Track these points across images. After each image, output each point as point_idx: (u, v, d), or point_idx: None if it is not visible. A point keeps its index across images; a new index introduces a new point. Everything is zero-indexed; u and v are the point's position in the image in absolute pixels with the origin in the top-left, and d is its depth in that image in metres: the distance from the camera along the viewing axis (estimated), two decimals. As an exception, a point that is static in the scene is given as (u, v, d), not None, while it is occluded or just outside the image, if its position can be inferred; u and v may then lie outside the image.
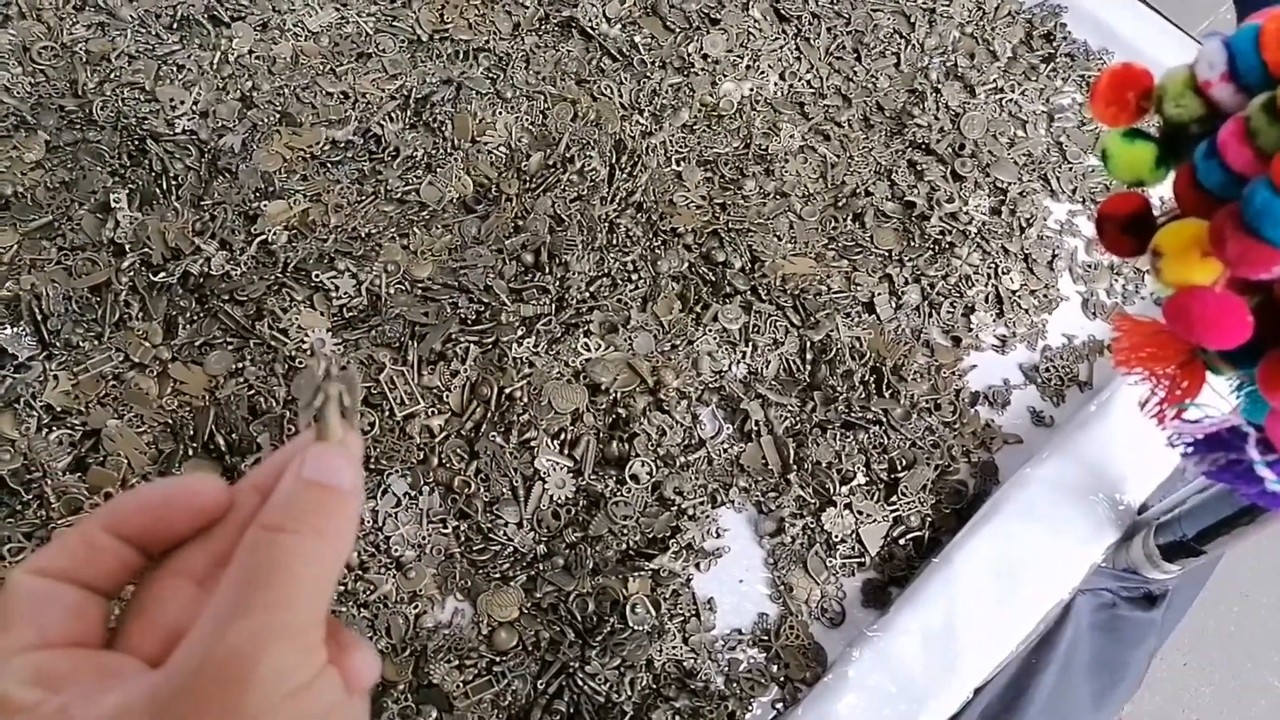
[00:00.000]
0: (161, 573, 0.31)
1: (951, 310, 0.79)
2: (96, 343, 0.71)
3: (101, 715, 0.26)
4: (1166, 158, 0.39)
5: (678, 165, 0.83)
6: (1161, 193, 0.41)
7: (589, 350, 0.73)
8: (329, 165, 0.80)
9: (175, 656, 0.27)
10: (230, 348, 0.72)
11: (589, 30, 0.88)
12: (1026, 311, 0.79)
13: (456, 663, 0.63)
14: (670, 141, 0.84)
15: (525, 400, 0.71)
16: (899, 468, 0.71)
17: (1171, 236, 0.37)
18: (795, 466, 0.71)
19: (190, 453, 0.68)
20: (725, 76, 0.87)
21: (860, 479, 0.71)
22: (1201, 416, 0.42)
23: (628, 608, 0.65)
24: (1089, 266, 0.82)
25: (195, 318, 0.73)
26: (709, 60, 0.88)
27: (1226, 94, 0.36)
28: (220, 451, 0.68)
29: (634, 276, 0.77)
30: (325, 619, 0.28)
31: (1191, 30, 0.94)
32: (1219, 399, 0.45)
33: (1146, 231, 0.40)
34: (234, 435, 0.69)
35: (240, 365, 0.71)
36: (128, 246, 0.74)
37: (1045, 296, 0.80)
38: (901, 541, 0.70)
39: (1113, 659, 0.69)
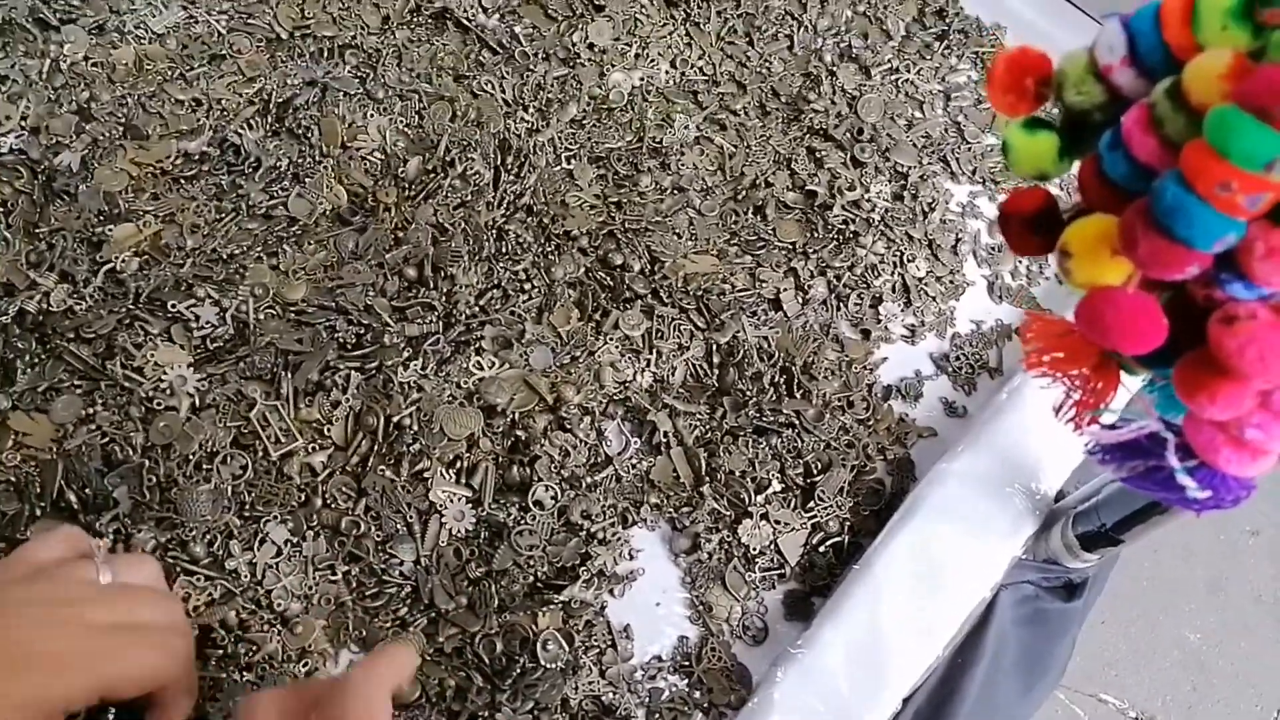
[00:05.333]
0: None
1: (859, 302, 0.76)
2: (-81, 396, 0.63)
3: None
4: (1070, 148, 0.36)
5: (568, 163, 0.78)
6: (1067, 183, 0.39)
7: (482, 369, 0.68)
8: (182, 181, 0.72)
9: None
10: (79, 391, 0.65)
11: (465, 22, 0.82)
12: (934, 299, 0.77)
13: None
14: (559, 138, 0.79)
15: (415, 428, 0.65)
16: (814, 471, 0.69)
17: (1080, 235, 0.34)
18: (708, 478, 0.67)
19: (38, 512, 0.61)
20: (614, 66, 0.83)
21: (775, 486, 0.68)
22: (1117, 421, 0.39)
23: (538, 645, 0.61)
24: (993, 249, 0.80)
25: (36, 360, 0.65)
26: (595, 50, 0.83)
27: (1128, 79, 0.34)
28: (73, 508, 0.61)
29: (527, 286, 0.72)
30: None
31: (1087, 5, 0.93)
32: (1133, 396, 0.43)
33: (1053, 228, 0.38)
34: (87, 490, 0.62)
35: (91, 411, 0.64)
36: (-49, 284, 0.66)
37: (951, 282, 0.78)
38: (821, 549, 0.67)
39: (1039, 651, 0.68)
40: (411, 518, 0.63)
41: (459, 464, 0.66)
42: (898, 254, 0.78)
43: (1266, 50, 0.30)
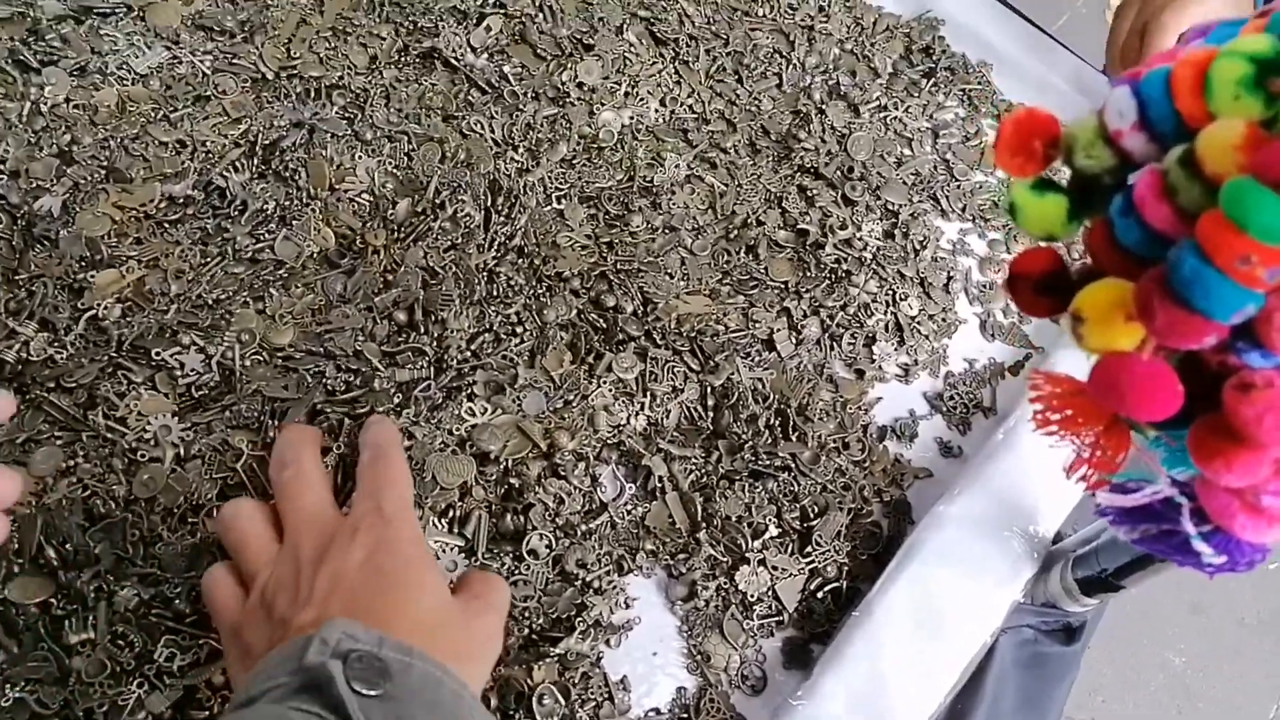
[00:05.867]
0: None
1: (853, 341, 0.76)
2: (-107, 449, 0.61)
3: None
4: (1079, 210, 0.36)
5: (559, 203, 0.77)
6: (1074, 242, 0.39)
7: (474, 415, 0.67)
8: (166, 225, 0.71)
9: None
10: (59, 443, 0.63)
11: (453, 61, 0.82)
12: (927, 338, 0.77)
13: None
14: (549, 178, 0.78)
15: (406, 477, 0.64)
16: (811, 515, 0.68)
17: (1092, 300, 0.34)
18: (704, 523, 0.67)
19: (16, 569, 0.59)
20: (603, 105, 0.83)
21: (772, 530, 0.67)
22: (1127, 481, 0.39)
23: (534, 699, 0.59)
24: (984, 286, 0.80)
25: (15, 411, 0.63)
26: (585, 89, 0.83)
27: (1139, 143, 0.34)
28: (52, 566, 0.59)
29: (519, 329, 0.71)
30: None
31: (1048, 28, 0.94)
32: (1138, 452, 0.42)
33: (1062, 289, 0.37)
34: (68, 546, 0.60)
35: (72, 463, 0.62)
36: (-74, 333, 0.64)
37: (944, 320, 0.78)
38: (819, 595, 0.66)
39: (1038, 696, 0.68)
40: (403, 569, 0.62)
41: (451, 513, 0.64)
42: (890, 293, 0.78)
43: (1278, 120, 0.30)
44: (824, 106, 0.86)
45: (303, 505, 0.56)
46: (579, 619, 0.62)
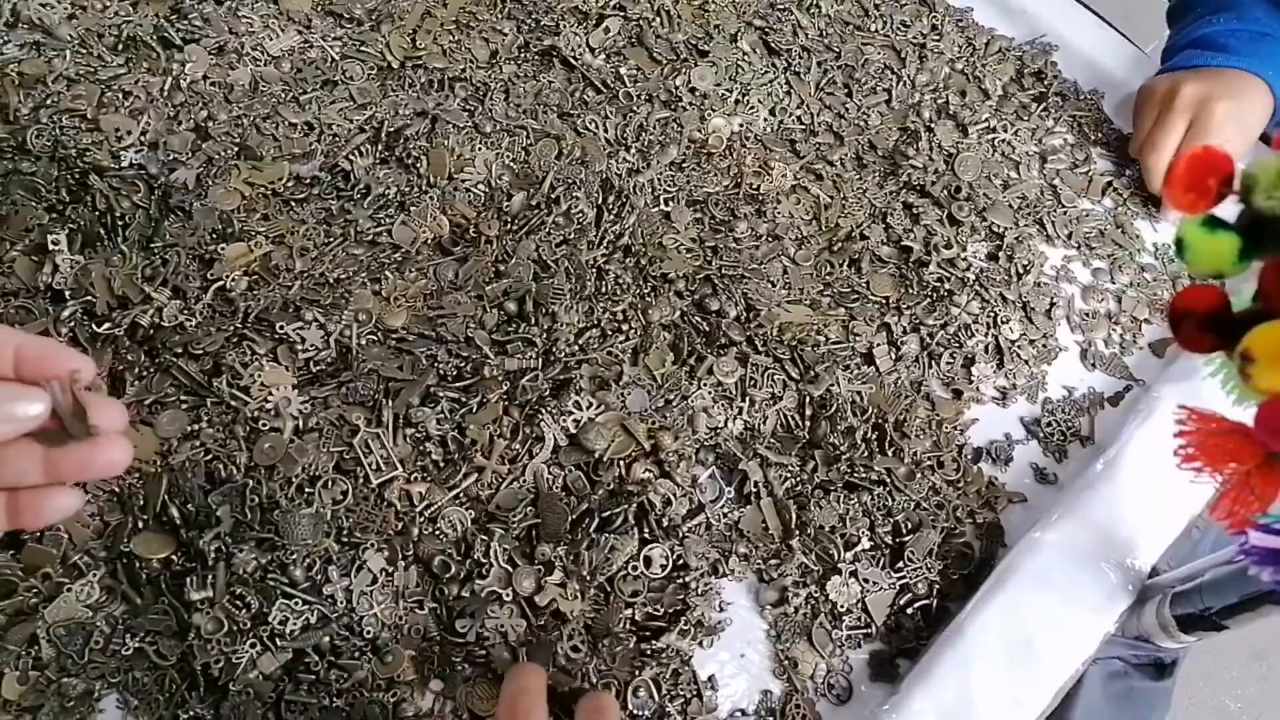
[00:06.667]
0: None
1: (951, 361, 0.76)
2: (32, 402, 0.64)
3: None
4: (1250, 250, 0.36)
5: (666, 205, 0.79)
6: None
7: (580, 409, 0.68)
8: (293, 204, 0.73)
9: None
10: (184, 407, 0.66)
11: (571, 60, 0.83)
12: (1026, 362, 0.77)
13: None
14: (659, 180, 0.79)
15: (512, 464, 0.66)
16: (904, 531, 0.68)
17: (1265, 340, 0.34)
18: (797, 531, 0.67)
19: (140, 525, 0.62)
20: (714, 111, 0.84)
21: (865, 544, 0.67)
22: (1273, 522, 0.39)
23: (629, 691, 0.60)
24: (1086, 315, 0.80)
25: (145, 373, 0.66)
26: (697, 94, 0.84)
27: (1325, 188, 0.33)
28: (174, 524, 0.62)
29: (624, 327, 0.72)
30: None
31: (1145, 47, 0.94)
32: None
33: (1226, 328, 0.37)
34: (190, 506, 0.62)
35: (196, 427, 0.65)
36: (68, 293, 0.67)
37: (1044, 346, 0.78)
38: (909, 611, 0.66)
39: (1125, 730, 0.67)
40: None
41: (555, 503, 0.66)
42: (991, 315, 0.78)
43: None
44: (932, 125, 0.86)
45: None
46: (682, 618, 0.63)
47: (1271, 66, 0.81)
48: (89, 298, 0.67)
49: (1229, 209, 0.37)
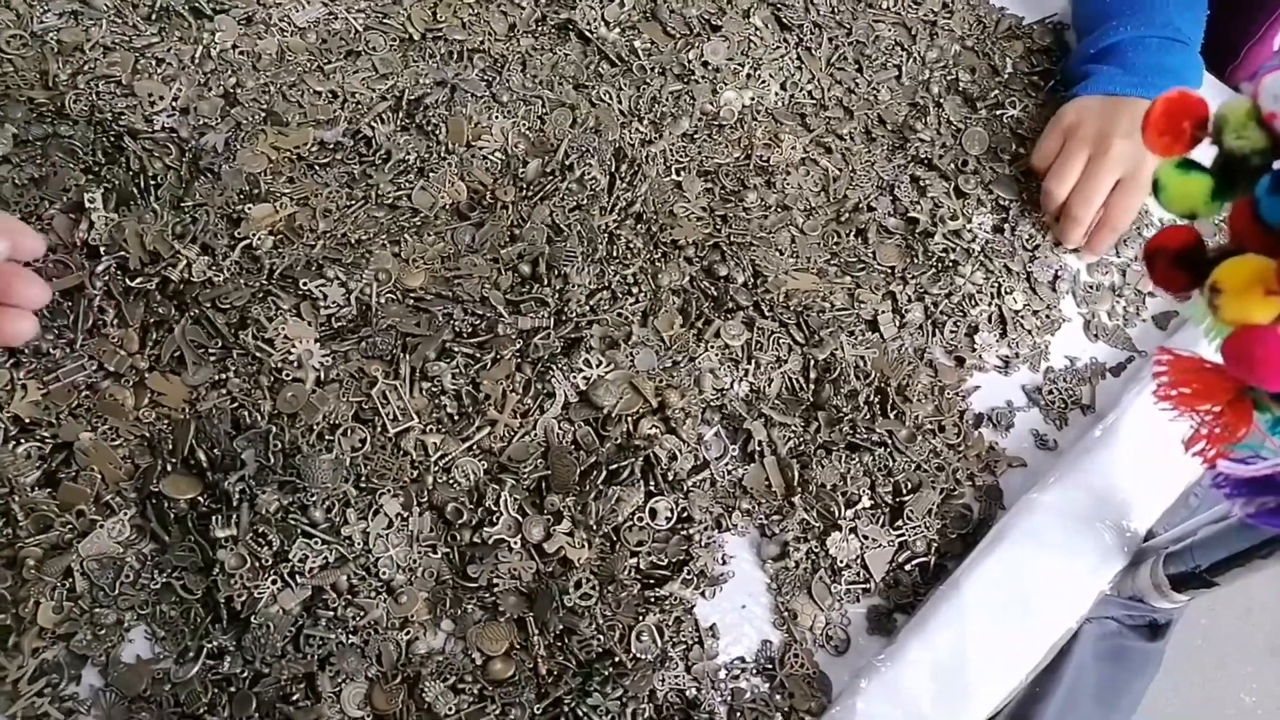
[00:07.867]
0: None
1: (955, 329, 0.77)
2: (68, 350, 0.67)
3: None
4: (1223, 190, 0.38)
5: (677, 175, 0.81)
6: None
7: (590, 366, 0.70)
8: (317, 168, 0.76)
9: None
10: (212, 358, 0.69)
11: (587, 34, 0.85)
12: (1029, 332, 0.78)
13: (452, 681, 0.61)
14: (670, 150, 0.82)
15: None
16: (904, 491, 0.70)
17: (1232, 273, 0.36)
18: (799, 489, 0.69)
19: (169, 467, 0.65)
20: (726, 85, 0.86)
21: (865, 502, 0.69)
22: (1249, 455, 0.40)
23: (633, 636, 0.63)
24: (1090, 287, 0.81)
25: (175, 325, 0.69)
26: (709, 68, 0.86)
27: (1292, 127, 0.35)
28: (201, 467, 0.65)
29: (634, 290, 0.74)
30: None
31: None
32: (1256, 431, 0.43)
33: (1199, 266, 0.39)
34: (216, 450, 0.65)
35: (223, 377, 0.68)
36: (103, 249, 0.70)
37: (1048, 317, 0.79)
38: (907, 567, 0.68)
39: (1117, 688, 0.69)
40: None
41: (563, 456, 0.68)
42: (995, 285, 0.79)
43: None
44: (941, 100, 0.88)
45: None
46: (685, 568, 0.65)
47: (1174, 83, 0.80)
48: (123, 253, 0.70)
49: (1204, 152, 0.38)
